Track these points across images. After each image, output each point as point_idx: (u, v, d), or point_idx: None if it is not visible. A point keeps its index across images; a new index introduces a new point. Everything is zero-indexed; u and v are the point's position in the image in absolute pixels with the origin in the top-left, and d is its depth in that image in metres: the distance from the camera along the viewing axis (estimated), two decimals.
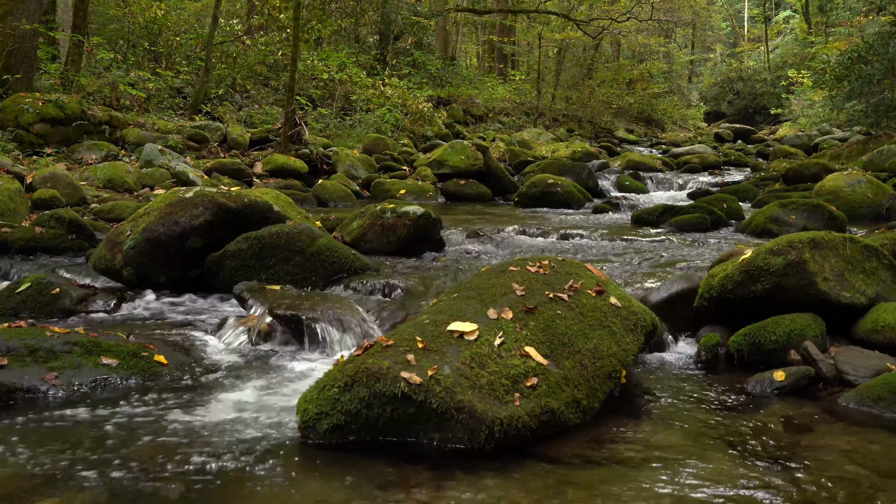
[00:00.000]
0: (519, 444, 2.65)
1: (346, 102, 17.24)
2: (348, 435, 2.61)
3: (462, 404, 2.55)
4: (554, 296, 3.17)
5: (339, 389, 2.59)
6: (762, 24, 42.95)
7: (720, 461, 2.65)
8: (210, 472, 2.45)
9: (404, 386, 2.54)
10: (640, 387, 3.42)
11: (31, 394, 3.08)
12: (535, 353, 2.84)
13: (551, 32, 26.34)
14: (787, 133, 25.91)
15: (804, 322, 3.68)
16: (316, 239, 5.10)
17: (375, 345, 2.75)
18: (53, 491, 2.33)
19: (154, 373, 3.35)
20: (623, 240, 7.46)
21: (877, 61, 15.06)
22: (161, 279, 5.06)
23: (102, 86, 12.62)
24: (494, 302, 3.07)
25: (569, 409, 2.77)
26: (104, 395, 3.13)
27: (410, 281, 5.04)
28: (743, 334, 3.74)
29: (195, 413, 2.97)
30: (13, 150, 9.46)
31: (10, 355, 3.18)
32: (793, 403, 3.26)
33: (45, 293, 4.55)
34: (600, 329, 3.13)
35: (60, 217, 6.36)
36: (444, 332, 2.83)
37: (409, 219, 6.15)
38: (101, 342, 3.42)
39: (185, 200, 5.04)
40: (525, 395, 2.68)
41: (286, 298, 4.20)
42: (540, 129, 22.57)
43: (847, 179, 9.32)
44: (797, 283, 3.79)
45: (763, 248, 3.94)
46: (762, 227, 7.86)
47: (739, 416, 3.11)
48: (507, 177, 12.39)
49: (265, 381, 3.38)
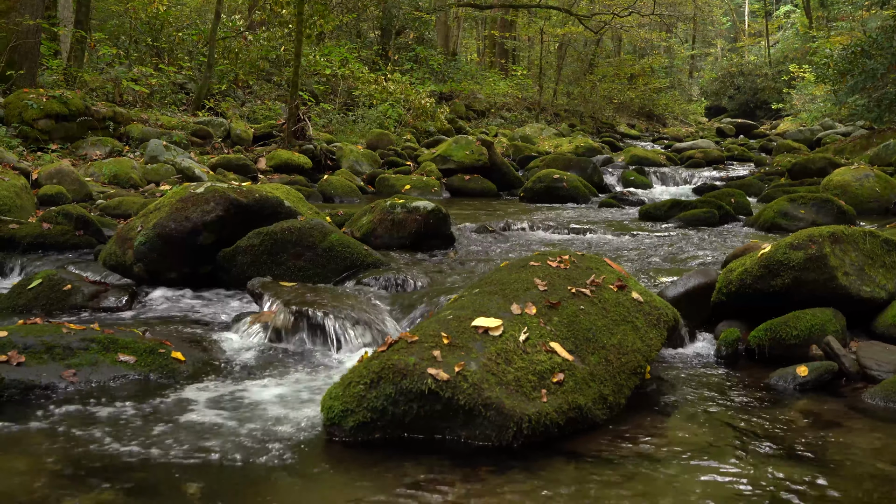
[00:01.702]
0: (546, 440, 2.62)
1: (348, 98, 17.18)
2: (374, 432, 2.58)
3: (490, 401, 2.52)
4: (576, 291, 3.14)
5: (364, 386, 2.56)
6: (763, 19, 42.86)
7: (748, 458, 2.62)
8: (235, 470, 2.43)
9: (431, 382, 2.51)
10: (662, 382, 3.39)
11: (49, 391, 3.05)
12: (561, 349, 2.81)
13: (553, 27, 26.26)
14: (789, 128, 25.87)
15: (825, 317, 3.66)
16: (328, 234, 5.07)
17: (400, 341, 2.72)
18: (76, 489, 2.30)
19: (172, 370, 3.32)
20: (632, 235, 7.43)
21: (880, 55, 15.02)
22: (172, 275, 5.02)
23: (105, 82, 12.56)
24: (517, 297, 3.03)
25: (596, 406, 2.74)
26: (123, 393, 3.10)
27: (424, 276, 5.01)
28: (764, 329, 3.71)
29: (216, 410, 2.94)
30: (18, 146, 9.41)
31: (27, 352, 3.14)
32: (817, 399, 3.23)
33: (57, 289, 4.51)
34: (624, 324, 3.10)
35: (68, 213, 6.32)
36: (469, 328, 2.80)
37: (420, 214, 6.12)
38: (118, 339, 3.39)
39: (196, 196, 5.00)
40: (552, 391, 2.65)
41: (301, 294, 4.17)
42: (542, 124, 22.52)
43: (855, 174, 9.29)
44: (817, 278, 3.76)
45: (782, 242, 3.91)
46: (771, 221, 7.83)
47: (764, 411, 3.08)
48: (512, 172, 12.35)
49: (284, 378, 3.35)
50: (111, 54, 13.58)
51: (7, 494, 2.26)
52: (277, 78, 17.03)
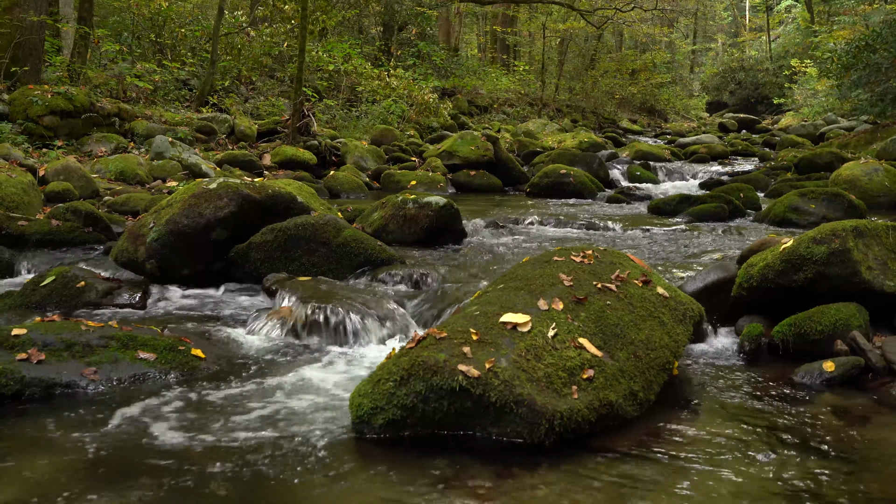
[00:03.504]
0: (577, 437, 2.59)
1: (351, 94, 17.12)
2: (403, 430, 2.55)
3: (521, 397, 2.48)
4: (602, 286, 3.11)
5: (394, 384, 2.53)
6: (764, 14, 42.77)
7: (780, 455, 2.59)
8: (264, 468, 2.39)
9: (462, 379, 2.48)
10: (687, 378, 3.36)
11: (70, 389, 3.01)
12: (589, 345, 2.78)
13: (554, 23, 26.18)
14: (791, 123, 25.83)
15: (849, 312, 3.62)
16: (342, 230, 5.03)
17: (428, 337, 2.68)
18: (102, 489, 2.26)
19: (192, 367, 3.29)
20: (643, 230, 7.40)
21: (884, 50, 14.97)
22: (184, 272, 4.99)
23: (109, 78, 12.50)
24: (543, 292, 3.00)
25: (626, 402, 2.71)
26: (144, 391, 3.07)
27: (438, 272, 4.98)
28: (788, 324, 3.68)
29: (239, 408, 2.91)
30: (23, 143, 9.36)
31: (47, 350, 3.11)
32: (844, 395, 3.20)
33: (70, 286, 4.47)
34: (650, 320, 3.07)
35: (76, 210, 6.29)
36: (497, 324, 2.76)
37: (432, 209, 6.08)
38: (137, 336, 3.35)
39: (208, 192, 4.96)
40: (582, 387, 2.62)
41: (317, 290, 4.14)
42: (544, 119, 22.47)
43: (864, 168, 9.25)
44: (841, 273, 3.72)
45: (805, 236, 3.88)
46: (782, 216, 7.80)
47: (792, 407, 3.04)
48: (518, 167, 12.31)
49: (305, 375, 3.32)
50: (114, 51, 13.52)
51: (32, 495, 2.22)
52: (280, 74, 16.96)
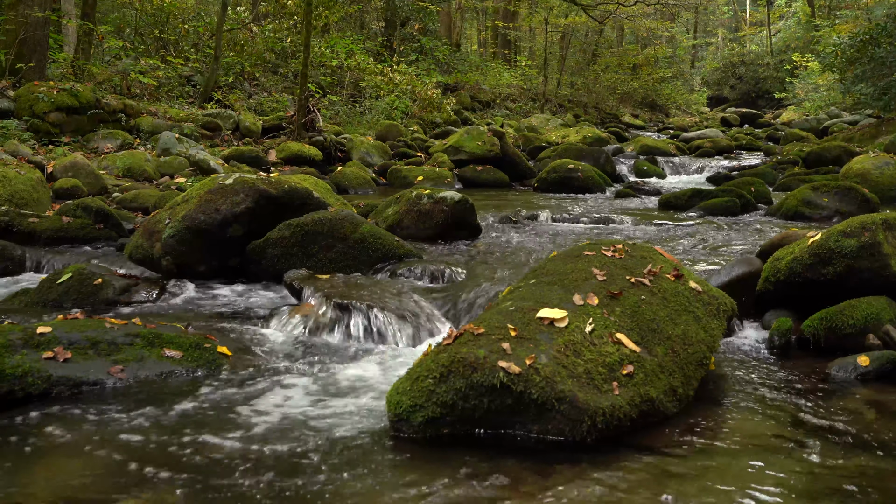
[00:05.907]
0: (618, 434, 2.54)
1: (355, 89, 17.06)
2: (442, 428, 2.50)
3: (563, 394, 2.44)
4: (636, 280, 3.06)
5: (434, 381, 2.48)
6: (764, 8, 42.65)
7: (820, 451, 2.55)
8: (298, 467, 2.34)
9: (503, 376, 2.43)
10: (721, 373, 3.32)
11: (97, 387, 2.96)
12: (627, 340, 2.73)
13: (556, 18, 26.10)
14: (793, 117, 25.78)
15: (880, 305, 3.59)
16: (359, 226, 4.98)
17: (465, 333, 2.64)
18: (132, 489, 2.22)
19: (219, 365, 3.24)
20: (656, 224, 7.36)
21: (888, 44, 14.91)
22: (201, 268, 4.94)
23: (113, 74, 12.43)
24: (577, 287, 2.95)
25: (667, 398, 2.67)
26: (171, 389, 3.02)
27: (457, 267, 4.93)
28: (819, 318, 3.64)
29: (269, 406, 2.86)
30: (29, 140, 9.30)
31: (72, 348, 3.06)
32: (880, 389, 3.16)
33: (87, 284, 4.42)
34: (685, 314, 3.03)
35: (87, 206, 6.23)
36: (534, 320, 2.72)
37: (447, 205, 6.03)
38: (162, 334, 3.30)
39: (225, 187, 4.91)
40: (623, 383, 2.58)
41: (339, 286, 4.09)
42: (547, 114, 22.41)
43: (875, 162, 9.22)
44: (871, 266, 3.68)
45: (834, 229, 3.84)
46: (794, 210, 7.76)
47: (828, 402, 3.01)
48: (525, 162, 12.26)
49: (333, 372, 3.27)
50: (118, 47, 13.45)
51: (64, 494, 2.18)
52: (284, 70, 16.89)
